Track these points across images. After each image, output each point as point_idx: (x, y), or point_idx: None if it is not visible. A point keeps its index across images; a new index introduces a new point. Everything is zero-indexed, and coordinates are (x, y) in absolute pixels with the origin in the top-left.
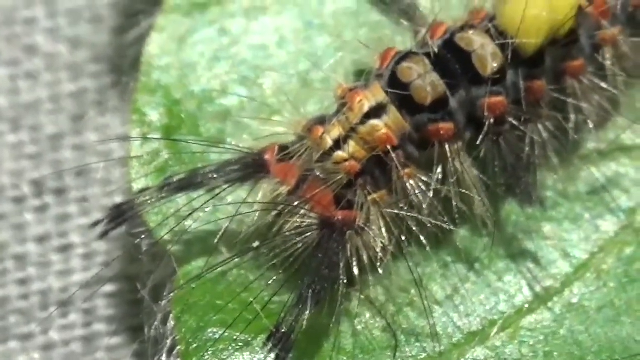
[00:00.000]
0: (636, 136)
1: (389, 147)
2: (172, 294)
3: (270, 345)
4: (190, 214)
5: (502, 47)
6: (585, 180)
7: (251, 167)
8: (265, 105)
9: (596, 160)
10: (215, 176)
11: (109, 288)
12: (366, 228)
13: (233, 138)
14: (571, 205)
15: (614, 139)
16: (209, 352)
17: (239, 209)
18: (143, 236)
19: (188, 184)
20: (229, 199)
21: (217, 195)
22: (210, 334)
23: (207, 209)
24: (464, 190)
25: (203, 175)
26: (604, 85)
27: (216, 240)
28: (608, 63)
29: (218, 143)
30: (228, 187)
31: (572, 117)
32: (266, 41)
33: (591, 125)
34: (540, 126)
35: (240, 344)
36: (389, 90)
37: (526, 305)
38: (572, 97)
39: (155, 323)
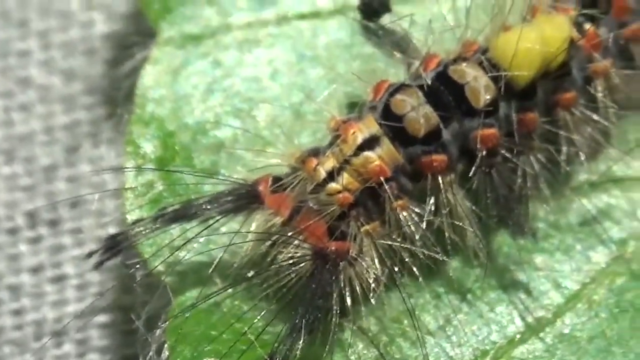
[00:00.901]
0: (627, 167)
1: (382, 178)
2: (166, 324)
3: None
4: (183, 244)
5: (495, 80)
6: (577, 211)
7: (245, 198)
8: (259, 137)
9: (588, 191)
10: (209, 207)
11: (103, 318)
12: (359, 259)
13: (227, 169)
14: (563, 237)
15: (605, 171)
16: None
17: (232, 240)
18: (137, 267)
19: (182, 215)
20: (223, 229)
21: (210, 226)
22: None
23: (200, 240)
24: (456, 222)
25: (197, 206)
26: (595, 117)
27: (210, 271)
28: (600, 95)
29: (212, 174)
30: (222, 217)
31: (564, 148)
32: (259, 73)
33: (583, 157)
34: (532, 158)
35: None
36: (382, 122)
37: (518, 336)
38: (564, 129)
39: (150, 353)
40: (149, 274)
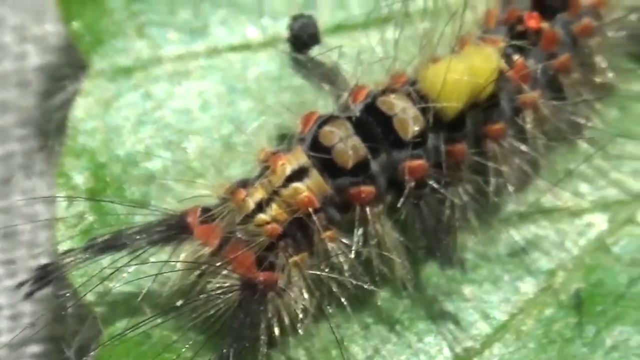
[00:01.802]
0: (556, 199)
1: (310, 209)
2: (95, 354)
3: None
4: (111, 274)
5: (424, 111)
6: (505, 242)
7: (174, 229)
8: (189, 169)
9: (516, 222)
10: (138, 237)
11: (34, 349)
12: (287, 289)
13: (157, 200)
14: (491, 267)
15: (534, 202)
16: None
17: (161, 270)
18: (68, 297)
19: (112, 245)
20: (152, 259)
21: (140, 256)
22: None
23: (130, 270)
24: (384, 253)
25: (127, 236)
26: (524, 148)
27: (139, 300)
28: (528, 126)
29: (142, 205)
30: (151, 248)
31: (493, 180)
32: (190, 105)
33: (511, 188)
34: (460, 189)
35: None
36: (311, 153)
37: None
38: (493, 160)
39: None
40: (80, 304)
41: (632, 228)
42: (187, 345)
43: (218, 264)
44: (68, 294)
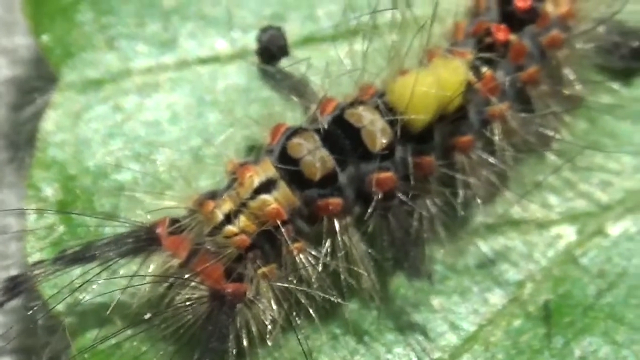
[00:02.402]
0: (524, 210)
1: (278, 221)
2: None
3: None
4: (81, 285)
5: (392, 123)
6: (474, 254)
7: (143, 241)
8: (158, 181)
9: (485, 234)
10: (108, 249)
11: None
12: (256, 301)
13: (127, 212)
14: (460, 279)
15: (502, 214)
16: None
17: (130, 281)
18: (37, 308)
19: (82, 256)
20: (122, 271)
21: (109, 267)
22: None
23: (100, 282)
24: (352, 265)
25: (96, 248)
26: (492, 160)
27: (108, 312)
28: (497, 138)
29: (112, 217)
30: (121, 259)
31: (461, 192)
32: (159, 117)
33: (479, 201)
34: (428, 201)
35: None
36: (279, 165)
37: None
38: (461, 172)
39: None
40: (50, 316)
41: (601, 239)
42: (157, 356)
43: (187, 276)
44: (38, 306)
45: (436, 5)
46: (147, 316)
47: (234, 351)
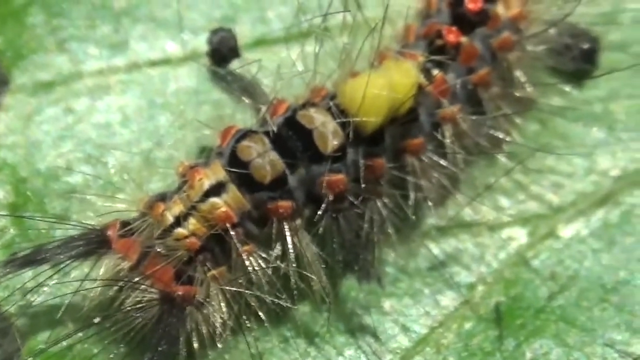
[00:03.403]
0: (475, 213)
1: (228, 224)
2: None
3: None
4: (33, 288)
5: (343, 125)
6: (425, 256)
7: (94, 243)
8: (110, 183)
9: (436, 236)
10: (59, 252)
11: None
12: (206, 303)
13: (78, 215)
14: (411, 281)
15: (453, 216)
16: None
17: (81, 284)
18: None
19: (33, 259)
20: (73, 274)
21: (61, 270)
22: None
23: (51, 284)
24: (301, 269)
25: (48, 251)
26: (443, 163)
27: (60, 314)
28: (448, 141)
29: (63, 220)
30: (73, 262)
31: (412, 194)
32: (110, 120)
33: (430, 203)
34: (379, 203)
35: None
36: (229, 168)
37: None
38: (412, 175)
39: None
40: (1, 318)
41: (552, 242)
42: (108, 359)
43: (136, 278)
44: None
45: (387, 7)
46: (98, 319)
47: (185, 353)
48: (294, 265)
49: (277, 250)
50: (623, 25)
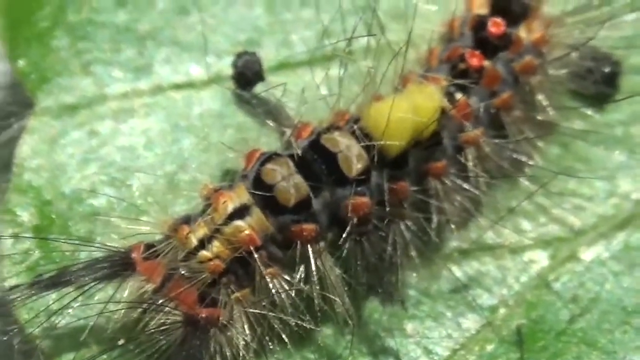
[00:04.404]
0: (498, 236)
1: (252, 247)
2: None
3: None
4: (58, 310)
5: (367, 149)
6: (447, 279)
7: (118, 265)
8: (134, 206)
9: (458, 259)
10: (84, 274)
11: None
12: (229, 326)
13: (102, 237)
14: (433, 304)
15: (475, 239)
16: None
17: (106, 306)
18: (14, 332)
19: (58, 281)
20: (98, 296)
21: (85, 292)
22: None
23: (75, 306)
24: (324, 292)
25: (72, 273)
26: (466, 186)
27: (84, 336)
28: (470, 164)
29: (87, 242)
30: (96, 284)
31: (435, 217)
32: (134, 143)
33: (453, 226)
34: (402, 226)
35: None
36: (253, 191)
37: None
38: (435, 198)
39: None
40: (26, 340)
41: (573, 264)
42: None
43: (161, 301)
44: (15, 330)
45: (410, 31)
46: (122, 341)
47: None
48: (317, 287)
49: (301, 272)
50: None
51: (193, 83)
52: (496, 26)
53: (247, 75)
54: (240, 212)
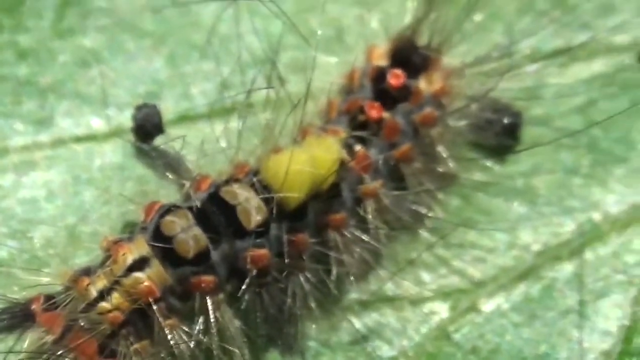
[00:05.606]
0: (397, 287)
1: (151, 299)
2: None
3: None
4: None
5: (267, 201)
6: (347, 330)
7: (18, 317)
8: (35, 257)
9: (358, 310)
10: None
11: None
12: None
13: (3, 289)
14: (333, 355)
15: (375, 290)
16: None
17: (6, 357)
18: None
19: None
20: None
21: None
22: None
23: None
24: (224, 343)
25: None
26: (365, 237)
27: None
28: (370, 216)
29: None
30: None
31: (334, 269)
32: (36, 195)
33: (352, 278)
34: (302, 278)
35: None
36: (153, 243)
37: None
38: (334, 249)
39: None
40: None
41: (474, 316)
42: None
43: (60, 351)
44: None
45: (309, 83)
46: None
47: None
48: (216, 339)
49: (200, 324)
50: (545, 100)
51: (94, 135)
52: (396, 78)
53: (146, 127)
54: (140, 264)
